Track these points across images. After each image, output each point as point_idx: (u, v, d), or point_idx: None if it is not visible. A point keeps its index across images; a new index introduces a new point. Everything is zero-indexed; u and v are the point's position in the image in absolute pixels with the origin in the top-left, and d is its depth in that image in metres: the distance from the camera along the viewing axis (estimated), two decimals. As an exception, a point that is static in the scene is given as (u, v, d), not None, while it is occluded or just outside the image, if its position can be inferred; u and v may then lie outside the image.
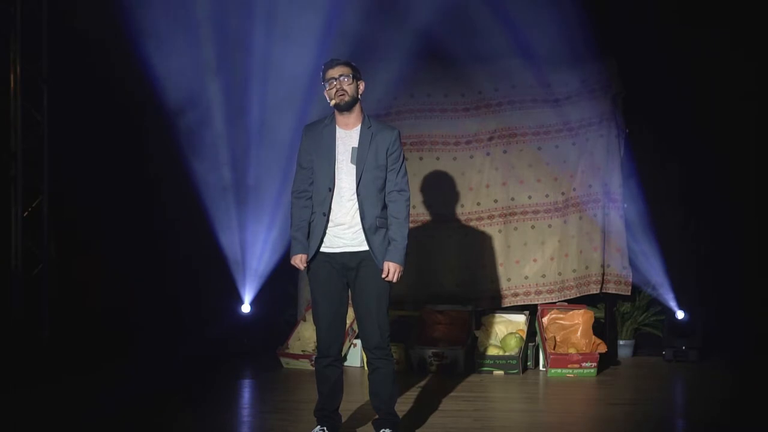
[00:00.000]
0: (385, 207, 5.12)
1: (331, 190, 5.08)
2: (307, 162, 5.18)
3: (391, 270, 5.06)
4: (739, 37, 7.77)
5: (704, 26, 7.76)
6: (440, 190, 8.25)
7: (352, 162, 5.08)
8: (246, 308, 8.32)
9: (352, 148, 5.09)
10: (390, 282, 5.11)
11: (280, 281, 8.35)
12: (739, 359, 7.73)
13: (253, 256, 8.28)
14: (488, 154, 8.29)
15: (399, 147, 5.16)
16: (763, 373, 7.31)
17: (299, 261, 5.18)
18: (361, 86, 5.15)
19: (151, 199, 8.51)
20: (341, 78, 5.06)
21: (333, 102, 5.10)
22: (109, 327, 8.22)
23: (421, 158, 8.33)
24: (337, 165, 5.09)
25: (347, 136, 5.13)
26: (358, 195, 5.06)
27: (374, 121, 5.21)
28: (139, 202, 8.47)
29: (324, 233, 5.10)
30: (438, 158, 8.33)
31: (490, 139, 8.28)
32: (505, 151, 8.26)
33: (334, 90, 5.07)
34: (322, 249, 5.12)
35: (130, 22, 7.81)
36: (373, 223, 5.06)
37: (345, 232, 5.09)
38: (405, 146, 8.18)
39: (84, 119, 8.27)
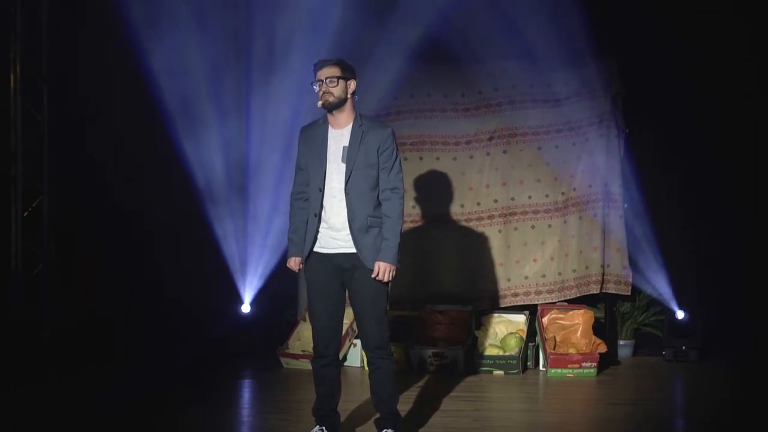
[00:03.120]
0: (379, 206, 5.09)
1: (321, 190, 5.07)
2: (304, 163, 5.18)
3: (382, 269, 5.02)
4: (739, 37, 7.77)
5: (704, 26, 7.75)
6: (440, 190, 8.24)
7: (342, 161, 5.06)
8: (246, 308, 8.31)
9: (343, 147, 5.08)
10: (385, 281, 5.10)
11: (280, 281, 8.34)
12: (739, 359, 7.73)
13: (254, 256, 8.27)
14: (488, 154, 8.28)
15: (391, 145, 5.10)
16: (763, 373, 7.31)
17: (294, 263, 5.20)
18: (352, 85, 5.11)
19: (151, 199, 8.50)
20: (327, 81, 5.04)
21: (319, 103, 5.10)
22: (109, 327, 8.22)
23: (421, 158, 8.32)
24: (329, 165, 5.07)
25: (339, 136, 5.11)
26: (347, 194, 5.04)
27: (367, 119, 5.18)
28: (139, 202, 8.46)
29: (316, 234, 5.09)
30: (438, 158, 8.33)
31: (490, 139, 8.28)
32: (505, 151, 8.25)
33: (321, 92, 5.08)
34: (318, 249, 5.11)
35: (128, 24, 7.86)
36: (364, 223, 5.03)
37: (339, 233, 5.07)
38: (405, 146, 8.19)
39: (83, 120, 8.29)
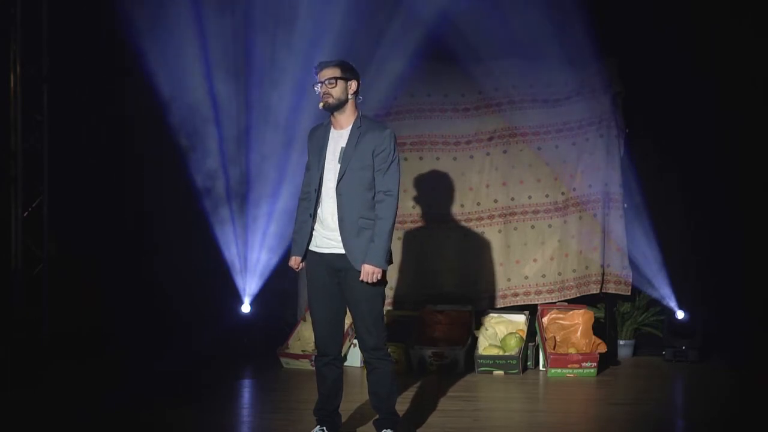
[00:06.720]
0: (374, 208, 5.06)
1: (317, 190, 5.10)
2: (310, 164, 5.23)
3: (368, 272, 4.98)
4: (739, 37, 7.77)
5: (704, 26, 7.75)
6: (440, 190, 8.24)
7: (339, 162, 5.09)
8: (246, 308, 8.31)
9: (341, 147, 5.10)
10: (375, 283, 5.02)
11: (280, 281, 8.34)
12: (739, 359, 7.72)
13: (254, 256, 8.27)
14: (488, 154, 8.28)
15: (388, 147, 5.06)
16: (763, 373, 7.30)
17: (294, 263, 5.23)
18: (353, 85, 5.11)
19: (151, 199, 8.50)
20: (327, 82, 5.06)
21: (320, 105, 5.12)
22: (108, 327, 8.22)
23: (421, 158, 8.32)
24: (327, 165, 5.11)
25: (339, 136, 5.14)
26: (338, 194, 5.05)
27: (367, 120, 5.18)
28: (139, 202, 8.46)
29: (311, 234, 5.12)
30: (438, 158, 8.32)
31: (490, 139, 8.28)
32: (505, 151, 8.25)
33: (322, 93, 5.09)
34: (313, 248, 5.14)
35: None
36: (356, 225, 5.02)
37: (332, 233, 5.08)
38: (405, 146, 8.20)
39: (82, 120, 8.29)
